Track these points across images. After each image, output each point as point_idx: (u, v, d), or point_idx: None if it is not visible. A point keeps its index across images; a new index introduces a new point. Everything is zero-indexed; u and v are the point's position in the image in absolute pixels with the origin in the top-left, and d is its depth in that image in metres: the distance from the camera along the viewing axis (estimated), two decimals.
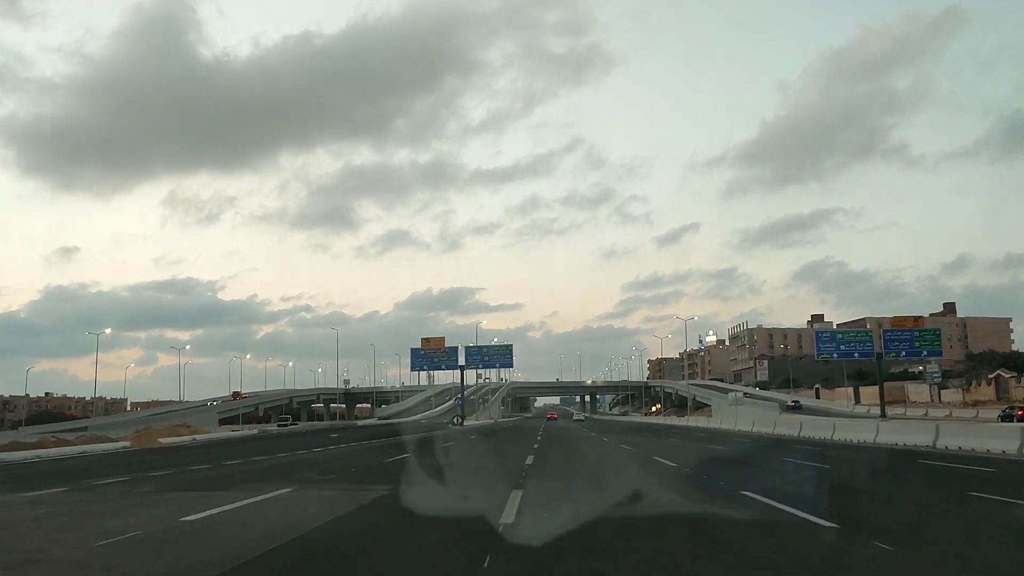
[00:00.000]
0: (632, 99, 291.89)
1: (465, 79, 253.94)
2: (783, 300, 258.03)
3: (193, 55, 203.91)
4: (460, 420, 68.20)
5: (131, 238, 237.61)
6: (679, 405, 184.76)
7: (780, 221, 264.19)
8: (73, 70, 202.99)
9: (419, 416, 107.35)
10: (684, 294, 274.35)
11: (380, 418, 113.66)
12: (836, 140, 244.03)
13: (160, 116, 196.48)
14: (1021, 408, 53.69)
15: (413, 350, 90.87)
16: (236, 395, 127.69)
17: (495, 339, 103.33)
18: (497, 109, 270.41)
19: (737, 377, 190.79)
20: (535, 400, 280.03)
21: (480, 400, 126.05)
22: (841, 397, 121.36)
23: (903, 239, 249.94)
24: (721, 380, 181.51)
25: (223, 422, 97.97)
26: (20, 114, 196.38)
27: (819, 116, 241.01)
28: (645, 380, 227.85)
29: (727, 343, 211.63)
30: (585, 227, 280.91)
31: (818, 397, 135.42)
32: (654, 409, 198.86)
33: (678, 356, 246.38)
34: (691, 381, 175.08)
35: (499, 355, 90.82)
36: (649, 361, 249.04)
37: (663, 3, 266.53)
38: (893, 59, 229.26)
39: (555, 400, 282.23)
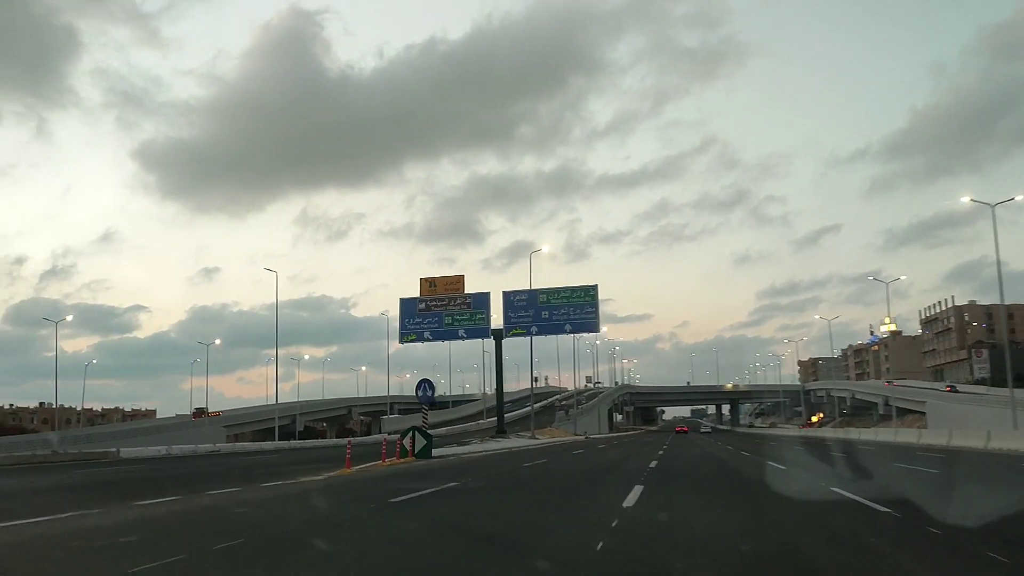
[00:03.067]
0: (769, 92, 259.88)
1: (591, 80, 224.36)
2: (931, 300, 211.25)
3: (320, 71, 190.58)
4: (402, 436, 22.84)
5: (266, 257, 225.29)
6: (852, 413, 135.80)
7: (930, 219, 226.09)
8: (206, 92, 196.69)
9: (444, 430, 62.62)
10: (822, 300, 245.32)
11: (388, 433, 70.61)
12: (995, 127, 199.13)
13: (289, 133, 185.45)
14: None
15: (403, 301, 46.13)
16: (199, 412, 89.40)
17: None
18: (624, 110, 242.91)
19: (937, 374, 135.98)
20: (663, 412, 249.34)
21: (568, 408, 79.16)
22: None
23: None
24: (902, 379, 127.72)
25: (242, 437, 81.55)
26: (159, 139, 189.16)
27: (977, 101, 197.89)
28: (800, 383, 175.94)
29: (907, 332, 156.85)
30: (718, 231, 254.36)
31: None
32: (814, 419, 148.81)
33: (839, 354, 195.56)
34: (908, 381, 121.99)
35: (568, 307, 44.89)
36: (800, 362, 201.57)
37: None
38: None
39: (685, 412, 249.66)
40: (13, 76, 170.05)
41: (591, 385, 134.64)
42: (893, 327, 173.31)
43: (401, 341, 47.18)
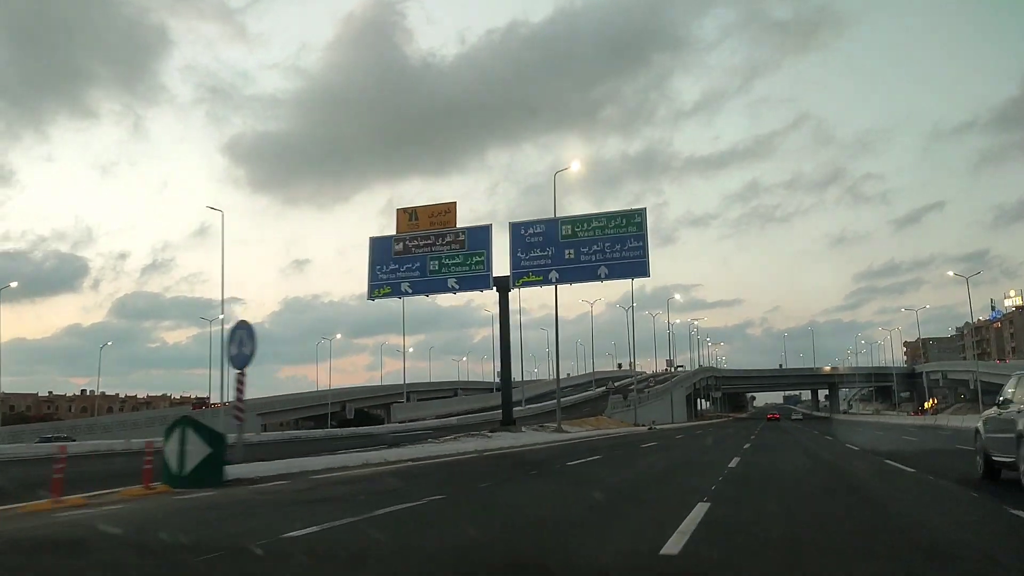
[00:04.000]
0: (867, 63, 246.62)
1: (676, 57, 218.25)
2: None
3: (402, 59, 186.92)
4: (167, 435, 9.48)
5: (354, 248, 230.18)
6: (974, 399, 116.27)
7: None
8: (291, 85, 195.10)
9: (433, 422, 49.09)
10: (925, 282, 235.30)
11: (400, 421, 58.53)
12: None
13: (373, 123, 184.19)
14: None
15: (374, 242, 33.14)
16: (199, 403, 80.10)
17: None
18: (712, 88, 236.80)
19: None
20: (753, 399, 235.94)
21: (627, 392, 64.10)
22: None
23: None
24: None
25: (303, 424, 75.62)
26: (247, 133, 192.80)
27: None
28: (910, 365, 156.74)
29: None
30: (811, 212, 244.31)
31: None
32: (927, 405, 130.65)
33: (954, 332, 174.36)
34: None
35: (603, 242, 30.74)
36: (905, 343, 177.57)
37: None
38: None
39: (778, 398, 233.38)
40: (112, 76, 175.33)
41: (671, 369, 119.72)
42: (1020, 300, 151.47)
43: (370, 296, 32.87)
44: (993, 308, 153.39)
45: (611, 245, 30.73)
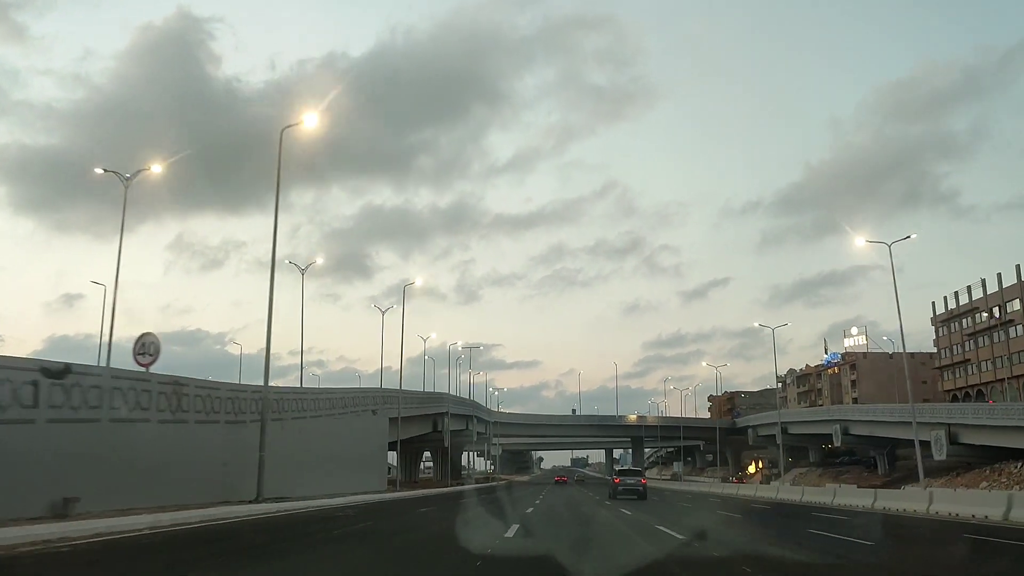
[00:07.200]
0: (671, 138, 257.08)
1: (494, 111, 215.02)
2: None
3: (204, 80, 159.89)
4: None
5: (136, 285, 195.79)
6: (824, 463, 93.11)
7: (813, 277, 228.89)
8: (70, 95, 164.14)
9: None
10: (706, 353, 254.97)
11: None
12: (881, 187, 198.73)
13: (165, 148, 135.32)
14: None
15: None
16: None
17: None
18: (527, 146, 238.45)
19: (955, 397, 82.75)
20: (541, 460, 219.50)
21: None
22: None
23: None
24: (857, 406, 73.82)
25: None
26: (11, 145, 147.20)
27: (867, 159, 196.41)
28: (732, 419, 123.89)
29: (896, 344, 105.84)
30: (611, 279, 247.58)
31: None
32: (751, 470, 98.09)
33: (776, 383, 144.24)
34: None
35: None
36: (711, 398, 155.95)
37: (713, 31, 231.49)
38: (955, 97, 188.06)
39: (567, 460, 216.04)
40: None
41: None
42: (863, 339, 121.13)
43: None
44: (827, 351, 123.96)
45: None
